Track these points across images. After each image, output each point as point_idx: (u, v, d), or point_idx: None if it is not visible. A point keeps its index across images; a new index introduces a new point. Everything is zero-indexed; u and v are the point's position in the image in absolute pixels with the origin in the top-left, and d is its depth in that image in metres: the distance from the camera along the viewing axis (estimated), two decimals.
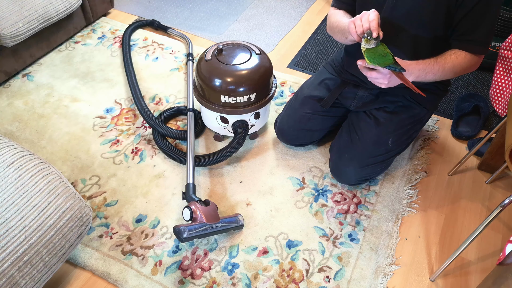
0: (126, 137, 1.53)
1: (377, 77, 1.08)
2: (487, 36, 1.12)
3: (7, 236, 0.86)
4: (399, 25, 1.17)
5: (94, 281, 1.14)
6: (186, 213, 1.16)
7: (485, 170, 1.45)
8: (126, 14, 2.16)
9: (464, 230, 1.30)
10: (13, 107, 1.62)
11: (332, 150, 1.40)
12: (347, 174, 1.33)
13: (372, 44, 1.02)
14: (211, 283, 1.14)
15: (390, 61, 1.02)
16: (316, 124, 1.41)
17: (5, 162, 0.95)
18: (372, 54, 1.03)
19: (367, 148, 1.29)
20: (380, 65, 1.02)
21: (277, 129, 1.47)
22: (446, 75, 1.14)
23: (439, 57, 1.12)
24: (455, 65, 1.12)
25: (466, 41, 1.12)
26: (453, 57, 1.12)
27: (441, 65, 1.11)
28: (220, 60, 1.34)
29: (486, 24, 1.09)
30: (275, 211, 1.32)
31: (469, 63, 1.14)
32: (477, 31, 1.10)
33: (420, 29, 1.15)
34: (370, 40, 1.02)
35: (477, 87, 1.78)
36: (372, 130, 1.30)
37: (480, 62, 1.17)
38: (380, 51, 1.02)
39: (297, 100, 1.43)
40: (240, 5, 2.26)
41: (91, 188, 1.36)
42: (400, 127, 1.30)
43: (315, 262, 1.20)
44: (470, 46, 1.13)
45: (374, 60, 1.03)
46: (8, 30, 1.53)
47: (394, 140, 1.29)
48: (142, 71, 1.81)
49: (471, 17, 1.08)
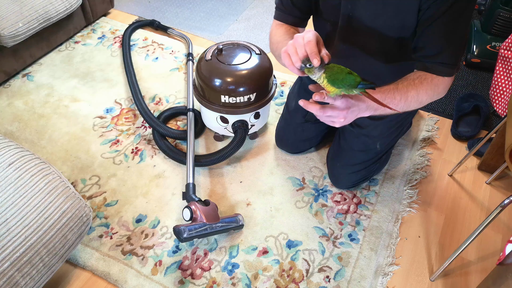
0: (126, 137, 1.53)
1: (332, 115, 0.82)
2: (455, 55, 0.94)
3: (7, 236, 0.86)
4: (365, 26, 1.00)
5: (94, 281, 1.14)
6: (186, 213, 1.16)
7: (485, 170, 1.45)
8: (126, 14, 2.16)
9: (464, 230, 1.30)
10: (13, 107, 1.62)
11: (328, 157, 1.42)
12: (343, 181, 1.35)
13: (316, 74, 0.79)
14: (211, 283, 1.14)
15: (359, 79, 0.78)
16: (310, 132, 1.41)
17: (5, 162, 0.95)
18: (335, 75, 0.78)
19: (356, 156, 1.29)
20: (350, 88, 0.78)
21: (276, 141, 1.50)
22: (409, 105, 0.92)
23: (400, 83, 0.91)
24: (419, 92, 0.92)
25: (432, 62, 0.94)
26: (416, 82, 0.92)
27: (403, 93, 0.90)
28: (220, 60, 1.34)
29: (455, 39, 0.92)
30: (275, 211, 1.32)
31: (436, 88, 0.95)
32: (446, 50, 0.92)
33: (386, 30, 0.99)
34: (311, 68, 0.79)
35: (477, 87, 1.78)
36: (358, 139, 1.27)
37: (449, 86, 0.98)
38: (340, 69, 0.79)
39: (288, 111, 1.42)
40: (240, 5, 2.26)
41: (91, 188, 1.36)
42: (386, 130, 1.26)
43: (315, 262, 1.20)
44: (437, 67, 0.94)
45: (341, 85, 0.78)
46: (8, 30, 1.53)
47: (382, 142, 1.28)
48: (142, 71, 1.81)
49: (437, 30, 0.91)
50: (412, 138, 1.56)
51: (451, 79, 0.96)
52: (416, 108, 0.93)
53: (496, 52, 1.74)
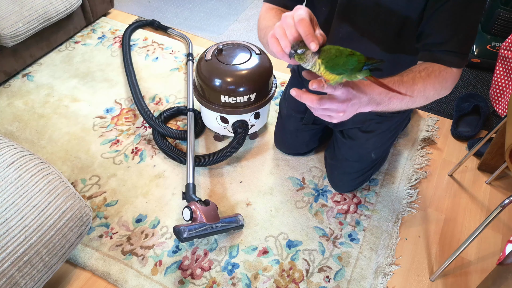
0: (126, 137, 1.53)
1: (331, 107, 0.69)
2: (466, 44, 0.84)
3: (7, 236, 0.86)
4: (368, 2, 0.89)
5: (94, 281, 1.14)
6: (186, 213, 1.16)
7: (485, 170, 1.45)
8: (126, 14, 2.16)
9: (464, 230, 1.30)
10: (13, 107, 1.62)
11: (325, 162, 1.42)
12: (342, 186, 1.36)
13: (309, 61, 0.64)
14: (211, 283, 1.14)
15: (362, 57, 0.63)
16: (306, 137, 1.41)
17: (5, 162, 0.95)
18: (334, 60, 0.63)
19: (352, 165, 1.29)
20: (353, 72, 0.63)
21: (275, 143, 1.50)
22: (414, 101, 0.81)
23: (404, 75, 0.80)
24: (426, 86, 0.81)
25: (440, 51, 0.84)
26: (423, 74, 0.81)
27: (408, 86, 0.78)
28: (220, 60, 1.34)
29: (466, 26, 0.83)
30: (275, 211, 1.32)
31: (444, 82, 0.84)
32: (456, 37, 0.83)
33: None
34: (302, 55, 0.64)
35: (477, 87, 1.78)
36: (351, 150, 1.27)
37: (457, 81, 0.87)
38: (339, 51, 0.63)
39: (281, 117, 1.42)
40: (240, 5, 2.26)
41: (91, 188, 1.36)
42: (380, 140, 1.23)
43: (315, 262, 1.20)
44: (446, 57, 0.84)
45: (342, 70, 0.62)
46: (8, 30, 1.53)
47: (377, 152, 1.28)
48: (142, 71, 1.81)
49: (448, 14, 0.81)
50: (412, 138, 1.56)
51: (459, 72, 0.86)
52: (422, 105, 0.84)
53: (496, 52, 1.74)
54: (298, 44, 0.64)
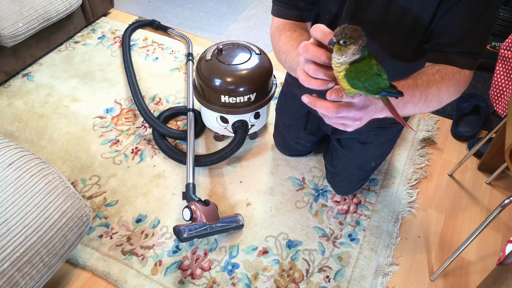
0: (126, 137, 1.53)
1: (347, 115, 0.63)
2: (480, 45, 0.81)
3: (7, 236, 0.86)
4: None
5: (94, 281, 1.14)
6: (186, 213, 1.16)
7: (485, 170, 1.45)
8: (126, 14, 2.16)
9: (464, 230, 1.30)
10: (13, 107, 1.62)
11: (325, 166, 1.42)
12: (342, 191, 1.37)
13: (345, 56, 0.56)
14: (211, 283, 1.14)
15: (386, 83, 0.59)
16: (305, 143, 1.40)
17: (5, 162, 0.95)
18: (359, 74, 0.57)
19: (352, 174, 1.29)
20: (369, 93, 0.59)
21: (275, 143, 1.50)
22: (428, 105, 0.77)
23: (418, 78, 0.76)
24: (440, 89, 0.77)
25: (454, 52, 0.80)
26: (437, 77, 0.78)
27: (423, 89, 0.74)
28: (220, 60, 1.34)
29: (482, 25, 0.79)
30: (275, 211, 1.32)
31: (458, 85, 0.81)
32: (470, 37, 0.79)
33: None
34: (345, 47, 0.55)
35: (477, 87, 1.78)
36: (351, 161, 1.26)
37: (469, 82, 0.85)
38: (369, 66, 0.58)
39: (279, 123, 1.40)
40: (240, 5, 2.26)
41: (91, 188, 1.36)
42: (378, 150, 1.23)
43: (315, 262, 1.20)
44: (460, 59, 0.80)
45: (361, 85, 0.58)
46: (8, 30, 1.53)
47: (377, 160, 1.28)
48: (142, 71, 1.81)
49: (463, 12, 0.78)
50: (412, 138, 1.56)
51: (471, 74, 0.82)
52: (434, 110, 0.80)
53: (496, 52, 1.74)
54: (343, 33, 0.54)
